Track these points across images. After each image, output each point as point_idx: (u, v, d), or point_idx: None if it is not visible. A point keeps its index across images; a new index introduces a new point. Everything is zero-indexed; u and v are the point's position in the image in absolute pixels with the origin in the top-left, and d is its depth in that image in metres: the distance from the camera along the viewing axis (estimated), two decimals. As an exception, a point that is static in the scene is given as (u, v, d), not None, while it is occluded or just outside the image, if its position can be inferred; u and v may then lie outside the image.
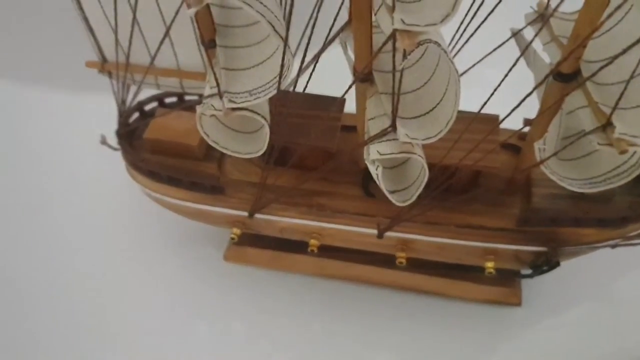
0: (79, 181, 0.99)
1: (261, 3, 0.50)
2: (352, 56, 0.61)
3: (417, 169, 0.60)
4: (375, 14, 0.51)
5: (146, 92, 0.76)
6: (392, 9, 0.45)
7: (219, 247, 0.89)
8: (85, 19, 0.63)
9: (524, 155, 0.66)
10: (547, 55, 0.60)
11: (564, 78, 0.55)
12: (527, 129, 0.63)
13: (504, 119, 0.59)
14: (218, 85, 0.55)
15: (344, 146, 0.68)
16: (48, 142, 1.06)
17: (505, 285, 0.82)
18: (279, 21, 0.52)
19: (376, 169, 0.57)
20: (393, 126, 0.55)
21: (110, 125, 0.76)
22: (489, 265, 0.71)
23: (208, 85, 0.57)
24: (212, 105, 0.55)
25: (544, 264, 0.69)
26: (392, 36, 0.46)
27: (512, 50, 0.66)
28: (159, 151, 0.73)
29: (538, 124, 0.61)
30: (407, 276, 0.83)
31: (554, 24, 0.59)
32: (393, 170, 0.62)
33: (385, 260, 0.81)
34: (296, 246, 0.82)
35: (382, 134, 0.56)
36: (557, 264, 0.70)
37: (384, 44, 0.48)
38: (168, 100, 0.79)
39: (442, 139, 0.53)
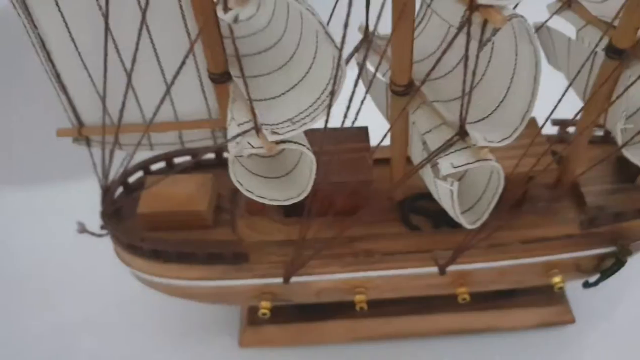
0: (58, 279, 0.82)
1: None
2: (375, 72, 0.54)
3: (483, 180, 0.53)
4: (429, 5, 0.45)
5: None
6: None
7: (232, 333, 0.74)
8: (57, 75, 0.50)
9: (574, 150, 0.60)
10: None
11: (620, 54, 0.51)
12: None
13: (548, 118, 0.54)
14: (255, 117, 0.45)
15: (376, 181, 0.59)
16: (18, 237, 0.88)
17: (554, 304, 0.75)
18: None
19: (451, 186, 0.48)
20: (461, 133, 0.48)
21: (85, 209, 0.62)
22: (557, 280, 0.63)
23: (234, 123, 0.47)
24: (249, 143, 0.45)
25: (615, 264, 0.63)
26: (470, 8, 0.39)
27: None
28: (158, 227, 0.59)
29: (589, 112, 0.56)
30: (451, 318, 0.73)
31: (587, 6, 0.55)
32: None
33: (425, 306, 0.72)
34: (323, 312, 0.70)
35: (449, 144, 0.48)
36: (624, 263, 0.64)
37: (461, 28, 0.41)
38: (155, 166, 0.66)
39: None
